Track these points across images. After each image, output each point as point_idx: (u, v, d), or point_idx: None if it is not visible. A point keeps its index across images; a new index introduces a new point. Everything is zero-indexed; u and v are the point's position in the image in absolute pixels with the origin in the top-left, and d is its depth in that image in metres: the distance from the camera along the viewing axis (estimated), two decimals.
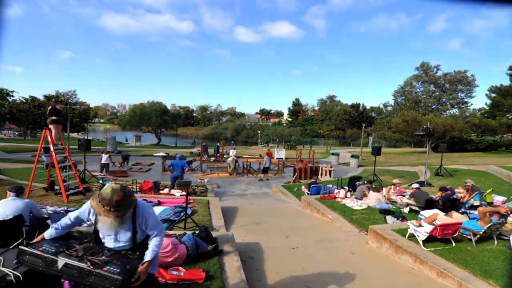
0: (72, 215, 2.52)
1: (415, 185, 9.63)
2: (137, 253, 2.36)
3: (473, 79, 46.89)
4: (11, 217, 4.16)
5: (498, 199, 9.21)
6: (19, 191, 4.56)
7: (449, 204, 8.19)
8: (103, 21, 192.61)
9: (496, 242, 5.35)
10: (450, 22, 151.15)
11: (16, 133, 50.44)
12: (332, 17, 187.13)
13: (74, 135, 42.34)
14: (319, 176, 16.73)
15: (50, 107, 8.89)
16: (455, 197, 8.63)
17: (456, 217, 6.08)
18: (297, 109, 79.88)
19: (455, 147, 36.35)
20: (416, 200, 8.33)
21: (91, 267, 2.07)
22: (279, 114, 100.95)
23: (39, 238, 2.47)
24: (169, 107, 63.46)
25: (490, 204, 8.67)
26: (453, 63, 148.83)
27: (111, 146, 28.34)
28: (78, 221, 2.53)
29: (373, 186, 9.64)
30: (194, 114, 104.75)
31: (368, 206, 8.50)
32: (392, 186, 10.47)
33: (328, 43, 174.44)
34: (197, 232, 4.91)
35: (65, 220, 2.52)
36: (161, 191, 10.30)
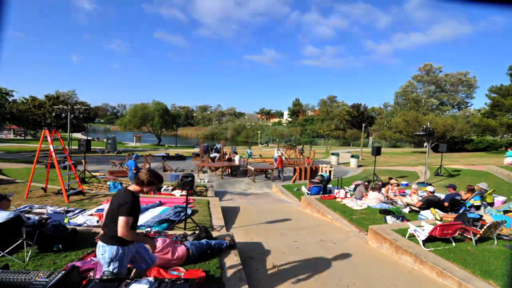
0: None
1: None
2: None
3: (475, 81, 46.85)
4: None
5: (498, 199, 9.22)
6: None
7: (452, 204, 8.16)
8: None
9: (496, 242, 5.35)
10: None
11: (14, 134, 50.31)
12: None
13: (79, 135, 42.45)
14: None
15: None
16: (458, 198, 8.60)
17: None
18: (297, 109, 79.90)
19: (455, 147, 36.38)
20: (427, 205, 7.80)
21: None
22: (279, 114, 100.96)
23: None
24: (169, 107, 63.38)
25: (491, 204, 8.68)
26: (454, 63, 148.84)
27: (111, 146, 28.37)
28: None
29: (373, 186, 9.59)
30: (194, 114, 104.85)
31: (368, 206, 8.50)
32: (390, 186, 10.47)
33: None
34: (197, 232, 4.92)
35: None
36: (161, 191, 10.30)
